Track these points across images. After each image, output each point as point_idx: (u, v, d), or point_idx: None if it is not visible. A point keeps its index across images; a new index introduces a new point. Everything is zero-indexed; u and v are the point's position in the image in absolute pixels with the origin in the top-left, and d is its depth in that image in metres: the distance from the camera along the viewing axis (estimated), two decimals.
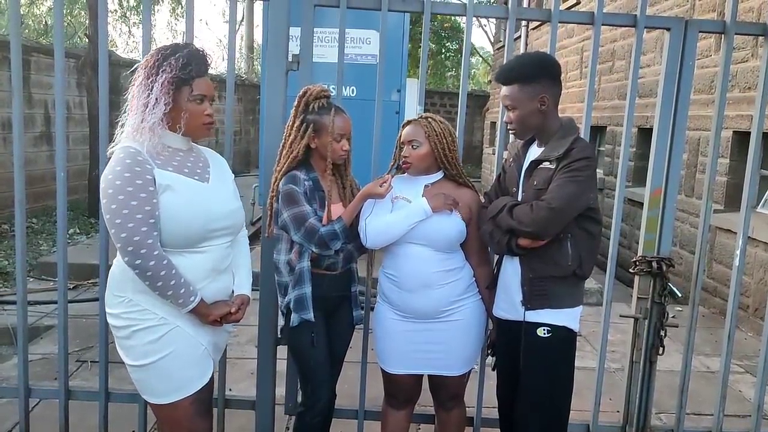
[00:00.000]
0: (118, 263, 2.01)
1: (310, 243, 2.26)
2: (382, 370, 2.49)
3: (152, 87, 1.92)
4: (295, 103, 2.36)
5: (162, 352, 1.97)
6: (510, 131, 2.31)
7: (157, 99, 1.91)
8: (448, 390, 2.50)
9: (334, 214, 2.31)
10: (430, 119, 2.37)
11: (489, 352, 2.55)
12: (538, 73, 2.20)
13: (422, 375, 2.48)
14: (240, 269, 2.20)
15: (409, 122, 2.40)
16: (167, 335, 1.97)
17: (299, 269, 2.31)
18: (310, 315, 2.31)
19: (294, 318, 2.32)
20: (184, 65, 1.94)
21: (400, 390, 2.51)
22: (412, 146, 2.34)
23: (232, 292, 2.15)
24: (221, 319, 2.05)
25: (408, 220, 2.28)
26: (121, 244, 1.85)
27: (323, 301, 2.36)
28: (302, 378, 2.44)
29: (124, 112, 2.00)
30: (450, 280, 2.34)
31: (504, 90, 2.24)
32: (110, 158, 1.95)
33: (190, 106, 1.98)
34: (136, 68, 2.00)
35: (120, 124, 2.00)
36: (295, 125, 2.33)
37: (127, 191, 1.85)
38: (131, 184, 1.86)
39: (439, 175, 2.40)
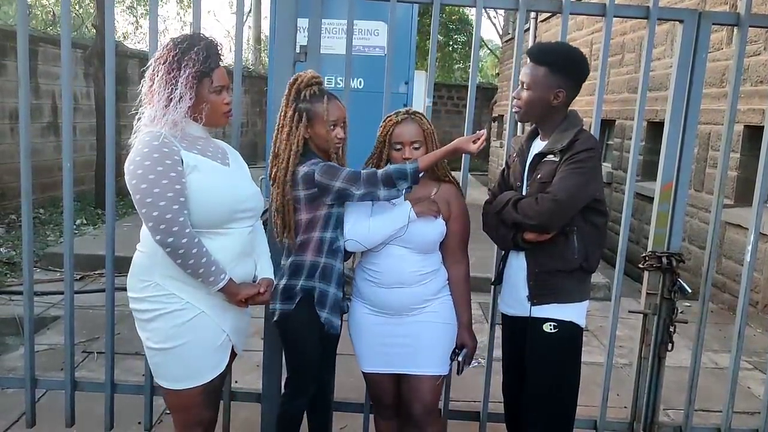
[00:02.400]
0: (143, 249, 2.03)
1: (375, 187, 2.12)
2: (363, 374, 2.45)
3: (176, 82, 1.93)
4: (286, 91, 2.24)
5: (183, 338, 2.00)
6: (514, 109, 2.27)
7: (182, 95, 1.93)
8: (421, 398, 2.33)
9: None
10: (420, 115, 2.28)
11: (457, 351, 2.37)
12: (569, 69, 2.17)
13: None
14: (261, 256, 2.23)
15: (402, 119, 2.25)
16: (190, 321, 2.00)
17: (337, 270, 2.25)
18: (338, 322, 2.28)
19: (324, 316, 2.24)
20: (205, 58, 1.96)
21: (382, 394, 2.46)
22: (414, 147, 2.24)
23: (255, 278, 2.18)
24: (248, 300, 2.07)
25: (392, 226, 2.22)
26: (153, 223, 1.87)
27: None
28: (292, 368, 2.37)
29: (141, 105, 2.02)
30: (426, 279, 2.29)
31: (530, 67, 2.19)
32: (132, 145, 1.97)
33: (211, 97, 2.01)
34: (150, 63, 2.00)
35: (137, 118, 2.02)
36: (288, 115, 2.22)
37: (157, 171, 1.88)
38: (160, 164, 1.88)
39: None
